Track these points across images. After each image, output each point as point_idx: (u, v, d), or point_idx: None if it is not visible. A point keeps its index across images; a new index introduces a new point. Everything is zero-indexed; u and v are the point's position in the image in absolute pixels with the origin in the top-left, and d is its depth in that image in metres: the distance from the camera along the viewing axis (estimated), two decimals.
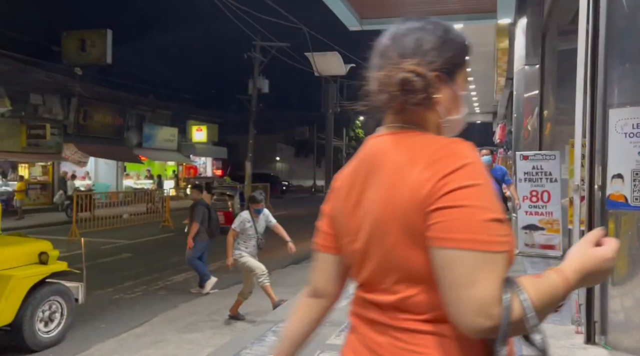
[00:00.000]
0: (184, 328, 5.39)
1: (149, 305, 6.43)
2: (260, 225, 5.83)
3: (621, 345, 3.74)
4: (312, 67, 14.10)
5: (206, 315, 5.92)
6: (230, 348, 3.87)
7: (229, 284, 7.34)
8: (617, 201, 3.79)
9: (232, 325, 5.28)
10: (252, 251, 5.74)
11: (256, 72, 27.73)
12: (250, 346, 3.88)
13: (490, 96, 19.58)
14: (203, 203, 7.43)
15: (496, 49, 11.94)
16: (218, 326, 5.48)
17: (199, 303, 6.57)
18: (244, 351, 3.76)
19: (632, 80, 3.82)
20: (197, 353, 4.49)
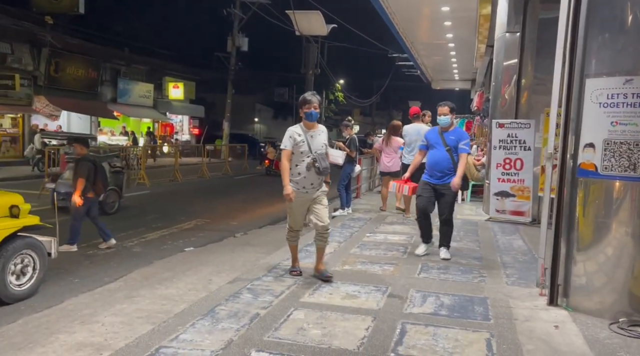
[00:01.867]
0: (159, 285, 5.39)
1: (123, 262, 6.41)
2: (317, 141, 4.64)
3: (582, 306, 3.93)
4: (291, 26, 13.80)
5: (181, 272, 5.93)
6: (205, 304, 3.92)
7: (205, 242, 7.36)
8: (587, 169, 3.90)
9: (207, 282, 5.32)
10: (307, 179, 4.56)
11: (235, 29, 27.00)
12: (225, 302, 3.94)
13: (470, 63, 19.56)
14: (88, 158, 7.11)
15: (478, 14, 11.84)
16: (192, 282, 5.51)
17: (174, 260, 6.57)
18: (218, 308, 3.81)
19: (610, 51, 3.86)
20: (172, 309, 4.51)
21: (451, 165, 5.50)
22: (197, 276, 5.61)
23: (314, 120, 4.66)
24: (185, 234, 8.24)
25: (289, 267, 5.04)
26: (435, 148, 5.61)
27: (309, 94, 4.72)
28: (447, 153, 5.50)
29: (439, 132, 5.68)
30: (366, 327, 3.50)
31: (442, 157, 5.53)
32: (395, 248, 6.12)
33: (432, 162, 5.60)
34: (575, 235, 4.02)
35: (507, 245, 6.49)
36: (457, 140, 5.55)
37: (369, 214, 8.79)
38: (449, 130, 5.63)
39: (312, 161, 4.48)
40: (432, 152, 5.65)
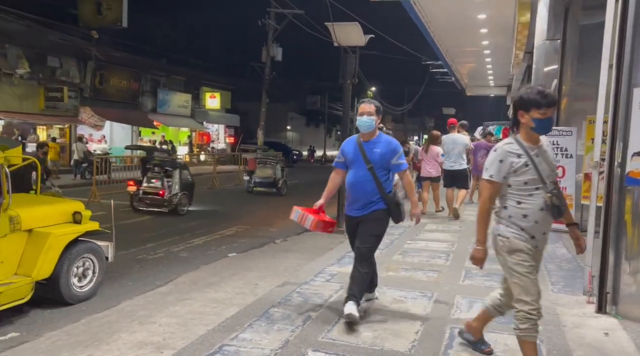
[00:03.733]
0: (207, 288, 5.61)
1: (172, 266, 6.68)
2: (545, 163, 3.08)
3: (632, 314, 3.93)
4: (325, 36, 14.03)
5: (227, 276, 6.14)
6: (259, 306, 4.10)
7: (247, 248, 7.58)
8: (636, 178, 3.90)
9: (253, 286, 5.51)
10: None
11: (270, 39, 27.51)
12: (277, 305, 4.10)
13: (506, 69, 19.36)
14: None
15: (516, 22, 11.77)
16: (239, 286, 5.70)
17: (219, 265, 6.80)
18: (272, 309, 3.98)
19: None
20: (223, 311, 4.71)
21: (375, 189, 3.90)
22: (243, 281, 5.80)
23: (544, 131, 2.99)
24: (227, 240, 8.48)
25: (334, 272, 5.18)
26: (354, 165, 4.02)
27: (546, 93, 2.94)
28: (369, 172, 3.89)
29: (357, 141, 4.06)
30: (415, 331, 3.60)
31: (361, 177, 3.93)
32: (437, 255, 6.18)
33: (350, 186, 4.06)
34: (623, 243, 4.02)
35: (551, 253, 6.45)
36: (383, 153, 3.92)
37: (407, 221, 8.81)
38: (371, 140, 3.99)
39: (550, 197, 2.91)
40: (350, 172, 4.07)
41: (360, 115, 3.98)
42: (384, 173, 3.95)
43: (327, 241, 7.64)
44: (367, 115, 3.95)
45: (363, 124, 3.97)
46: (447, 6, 11.67)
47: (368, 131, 3.99)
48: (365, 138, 4.03)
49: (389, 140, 4.04)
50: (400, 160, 3.99)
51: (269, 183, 14.72)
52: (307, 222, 4.05)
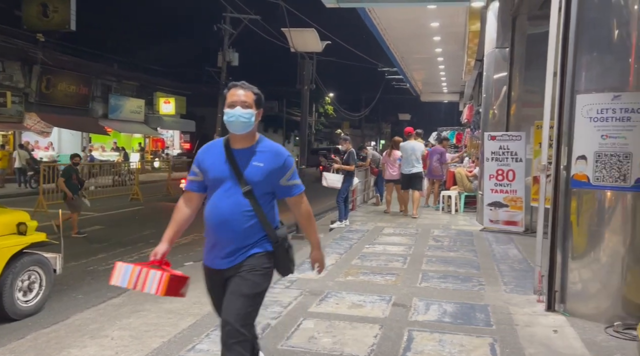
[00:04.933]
0: (162, 299, 5.44)
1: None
2: None
3: (579, 312, 4.10)
4: (283, 41, 14.06)
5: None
6: (216, 316, 4.01)
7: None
8: (580, 180, 4.09)
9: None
10: None
11: (225, 44, 27.28)
12: None
13: (459, 76, 19.96)
14: None
15: (467, 30, 12.16)
16: (197, 296, 5.57)
17: None
18: None
19: (599, 68, 4.08)
20: (179, 322, 4.59)
21: (256, 225, 2.50)
22: (201, 290, 5.62)
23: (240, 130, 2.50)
24: (183, 249, 8.29)
25: (294, 279, 5.17)
26: (219, 187, 2.53)
27: None
28: (246, 198, 2.47)
29: (225, 148, 2.56)
30: (374, 335, 3.63)
31: (232, 207, 2.48)
32: (395, 258, 6.26)
33: (212, 222, 2.53)
34: (570, 243, 4.20)
35: (503, 254, 6.66)
36: (269, 170, 2.49)
37: (366, 226, 8.94)
38: (249, 147, 2.54)
39: None
40: (213, 198, 2.56)
41: (230, 106, 2.50)
42: (268, 199, 2.52)
43: None
44: (241, 105, 2.47)
45: (235, 120, 2.45)
46: (402, 14, 11.92)
47: (244, 132, 2.48)
48: (239, 144, 2.51)
49: (277, 149, 2.57)
50: (293, 179, 2.56)
51: None
52: (149, 283, 2.44)
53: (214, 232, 2.54)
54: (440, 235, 8.13)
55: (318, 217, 11.89)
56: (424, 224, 9.34)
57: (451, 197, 11.07)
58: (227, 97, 2.57)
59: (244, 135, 2.52)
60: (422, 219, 10.04)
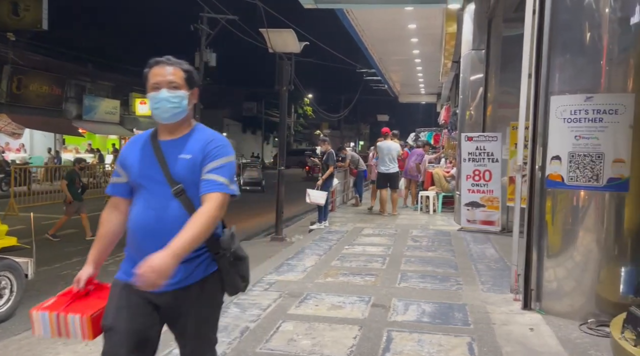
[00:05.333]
0: None
1: (100, 281, 6.34)
2: None
3: (554, 309, 4.17)
4: (261, 42, 13.98)
5: None
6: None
7: None
8: (555, 180, 4.16)
9: None
10: None
11: (202, 44, 27.03)
12: None
13: (436, 78, 20.16)
14: None
15: (444, 32, 12.29)
16: None
17: None
18: None
19: (571, 70, 4.16)
20: None
21: None
22: None
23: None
24: None
25: (273, 281, 5.13)
26: (144, 188, 2.03)
27: None
28: (178, 200, 1.96)
29: (151, 140, 2.08)
30: (354, 336, 3.62)
31: (160, 213, 1.96)
32: (374, 259, 6.27)
33: (137, 231, 1.99)
34: (545, 242, 4.26)
35: (480, 254, 6.74)
36: (198, 163, 1.97)
37: (345, 226, 8.94)
38: (180, 137, 2.05)
39: None
40: (137, 203, 2.04)
41: (153, 89, 2.02)
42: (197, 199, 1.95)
43: (267, 249, 7.56)
44: (167, 87, 2.01)
45: (161, 107, 1.99)
46: (379, 15, 11.98)
47: (175, 120, 2.00)
48: (168, 135, 2.03)
49: (211, 136, 2.03)
50: (218, 174, 1.93)
51: (256, 182, 18.30)
52: (72, 330, 1.98)
53: (139, 245, 1.95)
54: (418, 235, 8.18)
55: (298, 219, 11.87)
56: (403, 224, 9.40)
57: (429, 197, 11.17)
58: (148, 78, 2.03)
59: (175, 124, 2.01)
60: (401, 219, 10.10)
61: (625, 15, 3.95)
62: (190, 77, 2.08)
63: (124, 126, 27.15)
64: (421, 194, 11.48)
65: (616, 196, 3.98)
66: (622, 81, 4.01)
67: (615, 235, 4.00)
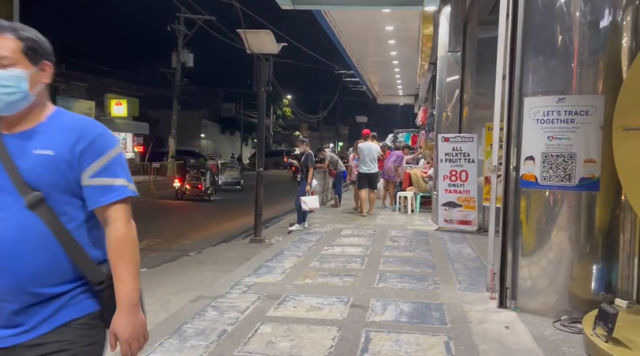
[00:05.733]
0: None
1: None
2: None
3: (528, 307, 4.24)
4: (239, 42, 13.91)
5: None
6: (170, 323, 3.90)
7: (159, 262, 7.25)
8: (528, 180, 4.23)
9: (165, 302, 5.26)
10: None
11: (180, 45, 26.77)
12: (191, 321, 3.93)
13: (413, 79, 20.35)
14: None
15: (421, 34, 12.43)
16: (150, 304, 5.42)
17: None
18: (185, 326, 3.81)
19: (544, 72, 4.24)
20: None
21: (59, 257, 1.43)
22: (154, 298, 5.52)
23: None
24: None
25: (251, 283, 5.10)
26: None
27: None
28: (34, 214, 1.40)
29: None
30: (332, 337, 3.62)
31: (11, 232, 1.40)
32: (353, 260, 6.29)
33: None
34: (520, 241, 4.33)
35: (457, 253, 6.82)
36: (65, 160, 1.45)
37: (324, 227, 8.95)
38: (32, 128, 1.50)
39: None
40: None
41: None
42: (74, 209, 1.51)
43: (245, 251, 7.51)
44: None
45: None
46: (357, 17, 12.05)
47: (12, 111, 1.49)
48: (13, 126, 1.52)
49: (81, 123, 1.55)
50: (107, 175, 1.52)
51: (236, 182, 18.51)
52: None
53: None
54: (397, 235, 8.24)
55: (277, 220, 11.82)
56: (381, 225, 9.45)
57: (407, 198, 11.26)
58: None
59: (20, 114, 1.49)
60: (379, 220, 10.16)
61: (595, 18, 4.05)
62: (32, 47, 1.49)
63: None
64: (399, 194, 11.57)
65: (588, 195, 4.07)
66: (592, 83, 4.11)
67: (587, 233, 4.09)
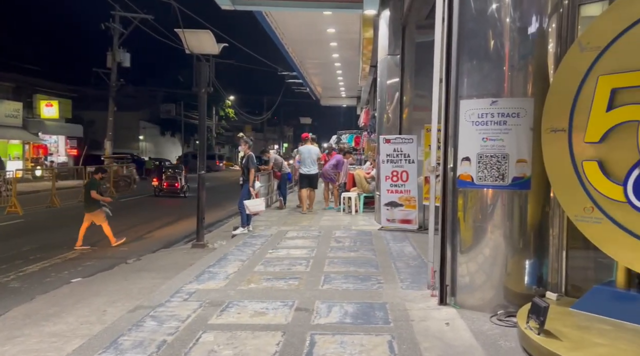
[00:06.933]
0: (45, 321, 4.97)
1: (0, 299, 5.80)
2: None
3: (467, 303, 4.38)
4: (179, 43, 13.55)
5: (70, 305, 5.52)
6: (106, 335, 3.71)
7: (94, 271, 6.91)
8: (465, 180, 4.37)
9: (101, 313, 5.00)
10: None
11: (115, 44, 25.72)
12: (128, 333, 3.76)
13: (355, 82, 20.65)
14: None
15: (362, 37, 12.61)
16: (84, 315, 5.16)
17: (60, 293, 6.09)
18: (121, 338, 3.63)
19: (478, 76, 4.39)
20: (64, 346, 4.20)
21: None
22: (89, 309, 5.27)
23: None
24: (70, 264, 7.64)
25: (192, 290, 4.95)
26: None
27: None
28: None
29: None
30: (277, 342, 3.57)
31: None
32: (298, 262, 6.26)
33: None
34: (458, 238, 4.47)
35: (399, 252, 6.95)
36: None
37: (269, 230, 8.86)
38: None
39: None
40: None
41: None
42: None
43: (187, 257, 7.30)
44: None
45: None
46: (298, 19, 12.05)
47: None
48: None
49: None
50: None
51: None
52: None
53: None
54: (341, 235, 8.30)
55: (221, 224, 11.60)
56: (326, 226, 9.49)
57: (351, 198, 11.39)
58: None
59: None
60: (324, 221, 10.20)
61: (523, 25, 4.25)
62: None
63: (28, 130, 25.18)
64: (343, 195, 11.68)
65: (520, 194, 4.26)
66: (522, 86, 4.31)
67: (520, 230, 4.28)
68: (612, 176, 3.61)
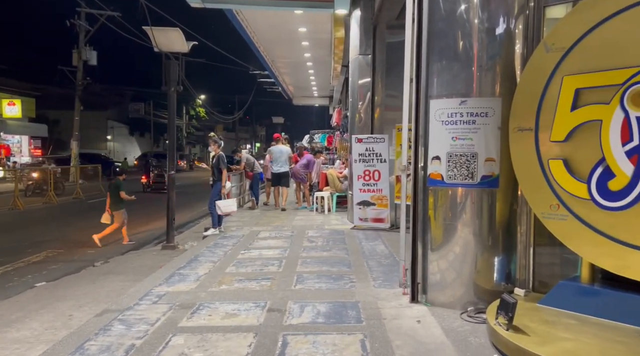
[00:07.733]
0: (7, 327, 4.80)
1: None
2: None
3: (438, 301, 4.43)
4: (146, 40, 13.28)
5: (34, 310, 5.34)
6: (72, 341, 3.60)
7: (60, 275, 6.71)
8: (435, 179, 4.42)
9: (67, 318, 4.86)
10: None
11: (81, 41, 25.08)
12: (94, 337, 3.66)
13: (327, 81, 20.69)
14: None
15: (333, 37, 12.63)
16: (49, 320, 5.00)
17: (24, 298, 5.88)
18: (88, 344, 3.53)
19: (447, 76, 4.45)
20: (27, 353, 4.06)
21: None
22: (54, 314, 5.11)
23: None
24: (34, 268, 7.40)
25: (162, 293, 4.86)
26: None
27: None
28: None
29: None
30: (248, 344, 3.54)
31: None
32: (271, 262, 6.22)
33: None
34: (429, 237, 4.52)
35: (372, 251, 6.99)
36: None
37: (241, 231, 8.78)
38: None
39: None
40: None
41: None
42: None
43: (156, 259, 7.17)
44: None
45: None
46: (269, 18, 11.97)
47: None
48: None
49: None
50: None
51: None
52: None
53: None
54: (314, 235, 8.28)
55: (192, 224, 11.42)
56: (299, 225, 9.47)
57: (324, 198, 11.39)
58: None
59: None
60: (297, 220, 10.17)
61: (491, 25, 4.32)
62: None
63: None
64: (316, 195, 11.68)
65: (489, 192, 4.33)
66: (490, 86, 4.38)
67: (488, 227, 4.35)
68: (577, 174, 3.70)
